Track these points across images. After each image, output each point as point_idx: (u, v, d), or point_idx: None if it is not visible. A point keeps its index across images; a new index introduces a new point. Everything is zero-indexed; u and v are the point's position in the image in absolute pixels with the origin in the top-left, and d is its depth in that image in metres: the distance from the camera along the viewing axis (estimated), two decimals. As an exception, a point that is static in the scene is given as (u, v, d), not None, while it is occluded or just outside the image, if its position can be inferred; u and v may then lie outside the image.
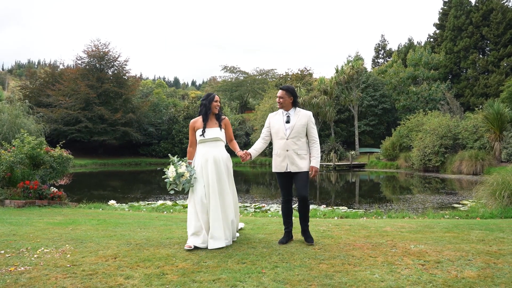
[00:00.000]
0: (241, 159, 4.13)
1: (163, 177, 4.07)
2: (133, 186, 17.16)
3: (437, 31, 38.75)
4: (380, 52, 46.50)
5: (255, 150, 4.20)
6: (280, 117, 4.12)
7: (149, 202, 10.55)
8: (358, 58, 35.37)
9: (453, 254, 3.64)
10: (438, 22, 38.47)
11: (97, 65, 36.18)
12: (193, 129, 4.18)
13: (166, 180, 4.01)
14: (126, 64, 37.55)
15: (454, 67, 35.18)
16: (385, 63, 41.40)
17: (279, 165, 4.06)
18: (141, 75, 58.04)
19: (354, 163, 28.21)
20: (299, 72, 38.52)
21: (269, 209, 9.29)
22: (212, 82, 61.62)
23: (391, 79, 35.48)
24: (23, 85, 36.88)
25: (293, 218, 4.32)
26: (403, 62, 37.14)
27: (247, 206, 9.94)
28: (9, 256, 3.59)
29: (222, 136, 4.15)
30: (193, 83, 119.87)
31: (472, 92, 33.36)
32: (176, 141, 37.10)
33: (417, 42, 42.22)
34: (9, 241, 4.20)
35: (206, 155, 4.03)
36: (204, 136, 4.08)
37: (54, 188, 8.58)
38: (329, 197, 13.48)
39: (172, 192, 4.05)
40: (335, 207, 9.52)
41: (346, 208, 9.51)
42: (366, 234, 4.60)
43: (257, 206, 9.90)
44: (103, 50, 35.99)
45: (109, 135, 34.50)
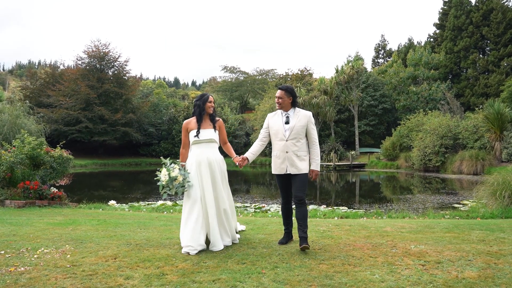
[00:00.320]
0: (239, 166, 4.06)
1: (155, 179, 3.98)
2: (133, 186, 17.15)
3: (437, 31, 38.74)
4: (380, 52, 46.49)
5: (252, 154, 4.13)
6: (279, 118, 4.03)
7: (149, 202, 10.55)
8: (358, 58, 35.35)
9: (454, 255, 3.64)
10: (438, 22, 38.46)
11: (98, 66, 36.19)
12: (186, 130, 4.08)
13: (159, 184, 3.91)
14: (126, 65, 37.58)
15: (454, 67, 35.17)
16: (385, 63, 41.39)
17: (279, 167, 3.97)
18: (141, 76, 58.22)
19: (354, 163, 28.21)
20: (299, 72, 38.51)
21: (269, 209, 9.29)
22: (212, 82, 61.59)
23: (391, 79, 35.47)
24: (24, 86, 36.90)
25: (293, 219, 4.29)
26: (403, 62, 37.13)
27: (247, 206, 9.94)
28: (9, 257, 3.59)
29: (216, 138, 4.07)
30: (193, 83, 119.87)
31: (473, 92, 33.35)
32: (176, 141, 37.11)
33: (417, 42, 42.24)
34: (9, 242, 4.20)
35: (200, 157, 3.95)
36: (199, 137, 3.99)
37: (54, 189, 8.58)
38: (329, 197, 13.47)
39: (165, 196, 3.95)
40: (335, 207, 9.51)
41: (346, 208, 9.51)
42: (366, 235, 4.59)
43: (257, 206, 9.90)
44: (104, 51, 36.01)
45: (109, 136, 34.52)
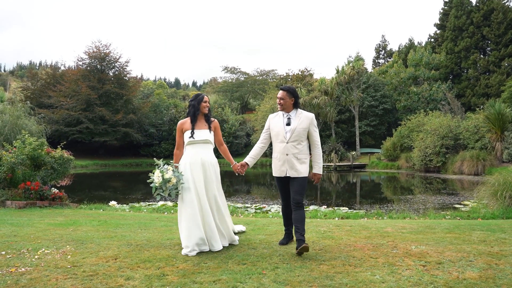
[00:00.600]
0: (240, 173, 4.02)
1: (148, 181, 3.90)
2: (134, 187, 17.16)
3: (438, 31, 38.71)
4: (381, 53, 46.48)
5: (252, 158, 4.07)
6: (280, 119, 3.94)
7: (150, 203, 10.55)
8: (359, 59, 35.33)
9: (455, 255, 3.63)
10: (439, 22, 38.43)
11: (98, 66, 36.22)
12: (181, 131, 4.01)
13: (152, 185, 3.84)
14: (127, 65, 37.59)
15: (455, 67, 35.14)
16: (386, 64, 41.35)
17: (279, 170, 3.90)
18: (142, 76, 58.36)
19: (355, 164, 28.19)
20: (300, 73, 38.51)
21: (270, 210, 9.28)
22: (213, 83, 61.57)
23: (392, 80, 35.44)
24: (25, 86, 36.92)
25: None
26: (404, 63, 37.10)
27: (248, 207, 9.93)
28: (10, 257, 3.59)
29: (212, 139, 4.02)
30: (194, 84, 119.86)
31: (473, 92, 33.32)
32: (177, 142, 37.11)
33: (418, 43, 42.19)
34: (10, 242, 4.21)
35: (195, 158, 3.89)
36: (194, 138, 3.92)
37: (55, 189, 8.59)
38: (330, 198, 13.46)
39: (158, 198, 3.89)
40: (336, 208, 9.50)
41: (347, 209, 9.50)
42: (367, 235, 4.59)
43: (258, 207, 9.89)
44: (104, 51, 36.04)
45: (110, 136, 34.53)
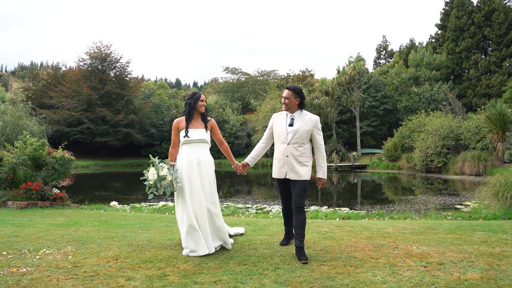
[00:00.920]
0: (241, 173, 3.98)
1: (141, 179, 3.82)
2: (135, 187, 17.17)
3: (439, 32, 38.68)
4: (382, 53, 46.47)
5: (253, 158, 4.02)
6: (284, 119, 3.83)
7: (151, 203, 10.55)
8: (360, 59, 35.31)
9: (456, 256, 3.62)
10: (440, 23, 38.39)
11: (99, 67, 36.28)
12: (177, 129, 3.96)
13: (146, 183, 3.76)
14: (128, 66, 37.71)
15: (456, 68, 35.11)
16: (387, 64, 41.34)
17: (278, 171, 3.81)
18: (143, 77, 58.46)
19: (356, 164, 28.17)
20: (301, 73, 38.50)
21: (271, 211, 9.28)
22: (214, 83, 61.61)
23: (393, 80, 35.42)
24: (26, 87, 36.98)
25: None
26: (405, 63, 37.07)
27: (249, 207, 9.93)
28: (11, 257, 3.59)
29: (208, 138, 3.95)
30: (195, 84, 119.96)
31: (474, 93, 33.28)
32: (178, 142, 37.16)
33: (419, 43, 42.18)
34: (11, 242, 4.21)
35: (190, 157, 3.83)
36: (189, 137, 3.86)
37: (56, 189, 8.60)
38: (331, 198, 13.45)
39: (152, 197, 3.82)
40: (337, 208, 9.48)
41: (348, 209, 9.48)
42: (368, 236, 4.58)
43: (259, 207, 9.89)
44: (105, 52, 36.10)
45: (111, 136, 34.58)
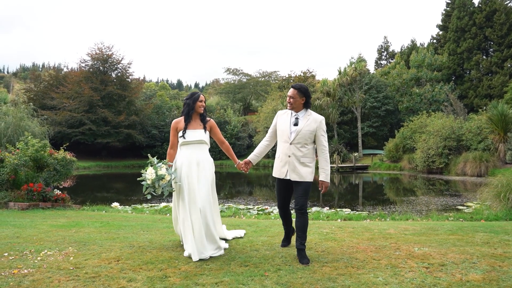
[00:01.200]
0: (244, 171, 3.89)
1: (139, 179, 3.75)
2: (136, 188, 17.17)
3: (440, 32, 38.64)
4: (383, 54, 46.43)
5: (256, 156, 3.92)
6: (288, 118, 3.73)
7: (152, 204, 10.55)
8: (361, 60, 35.30)
9: (458, 257, 3.62)
10: (441, 23, 38.35)
11: (101, 68, 36.35)
12: (176, 130, 3.92)
13: (143, 183, 3.70)
14: (130, 67, 37.72)
15: (458, 68, 35.05)
16: (388, 65, 41.32)
17: (279, 171, 3.72)
18: (145, 78, 58.45)
19: (357, 165, 28.13)
20: (302, 74, 38.48)
21: (272, 211, 9.27)
22: (215, 84, 61.68)
23: (394, 81, 35.39)
24: (28, 88, 37.06)
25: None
26: (406, 64, 37.05)
27: (250, 208, 9.93)
28: (13, 259, 3.59)
29: (207, 139, 3.90)
30: (196, 85, 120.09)
31: (476, 94, 33.21)
32: (179, 143, 37.19)
33: (420, 44, 42.12)
34: (13, 244, 4.21)
35: (190, 158, 3.78)
36: (185, 138, 3.81)
37: (58, 191, 8.61)
38: (332, 199, 13.44)
39: (149, 197, 3.77)
40: (338, 209, 9.48)
41: (350, 210, 9.48)
42: (370, 237, 4.58)
43: (260, 209, 9.88)
44: (107, 53, 36.16)
45: (113, 138, 34.63)
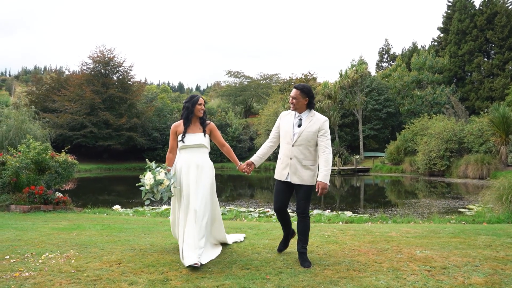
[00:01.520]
0: (246, 173, 3.75)
1: (137, 185, 3.70)
2: (138, 191, 17.06)
3: (441, 35, 38.67)
4: (384, 56, 46.44)
5: (259, 157, 3.78)
6: (291, 119, 3.63)
7: (154, 207, 10.55)
8: (362, 62, 35.31)
9: (460, 260, 3.60)
10: (442, 26, 38.39)
11: (102, 71, 36.45)
12: (175, 134, 3.86)
13: (142, 189, 3.65)
14: (131, 70, 37.91)
15: (459, 71, 35.04)
16: (389, 67, 41.30)
17: (280, 173, 3.63)
18: (146, 80, 58.47)
19: (359, 168, 28.09)
20: (303, 77, 38.56)
21: (274, 214, 9.26)
22: (216, 87, 61.79)
23: (395, 83, 35.38)
24: (29, 91, 37.18)
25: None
26: (407, 66, 37.05)
27: (251, 211, 9.92)
28: (14, 262, 3.59)
29: (206, 143, 3.83)
30: (198, 88, 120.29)
31: (477, 96, 33.18)
32: (181, 146, 37.23)
33: (421, 46, 42.13)
34: (14, 246, 4.21)
35: (188, 162, 3.72)
36: (184, 142, 3.75)
37: (59, 193, 8.61)
38: (334, 202, 13.42)
39: (148, 203, 3.73)
40: (340, 212, 9.47)
41: (351, 213, 9.46)
42: (371, 240, 4.56)
43: (262, 211, 9.88)
44: (108, 56, 36.28)
45: (114, 140, 34.68)
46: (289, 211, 4.42)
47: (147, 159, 3.85)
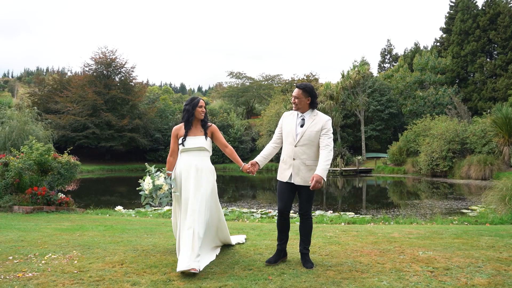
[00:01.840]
0: (250, 173, 3.65)
1: (137, 189, 3.66)
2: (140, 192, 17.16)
3: (444, 35, 38.62)
4: (386, 57, 46.41)
5: (263, 157, 3.68)
6: (294, 119, 3.58)
7: (156, 208, 10.56)
8: (364, 63, 35.30)
9: (463, 261, 3.59)
10: (445, 26, 38.34)
11: (105, 72, 36.56)
12: (176, 137, 3.78)
13: (141, 193, 3.62)
14: (133, 71, 37.92)
15: (461, 71, 34.96)
16: (391, 68, 41.27)
17: (282, 174, 3.56)
18: (148, 81, 58.67)
19: (361, 168, 28.05)
20: (305, 78, 38.55)
21: (276, 215, 9.25)
22: (218, 88, 61.89)
23: (398, 84, 35.34)
24: (32, 92, 37.33)
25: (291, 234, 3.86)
26: (410, 67, 37.02)
27: (254, 212, 9.92)
28: (17, 262, 3.61)
29: (207, 146, 3.74)
30: (199, 89, 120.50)
31: (480, 96, 33.10)
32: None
33: (424, 47, 42.14)
34: (17, 247, 4.23)
35: (188, 166, 3.64)
36: (184, 145, 3.68)
37: (62, 194, 8.64)
38: (336, 203, 13.40)
39: (148, 207, 3.70)
40: (342, 213, 9.46)
41: (353, 214, 9.45)
42: (374, 240, 4.56)
43: (264, 212, 9.88)
44: (110, 57, 36.39)
45: (116, 141, 34.76)
46: (291, 212, 4.41)
47: (146, 164, 3.82)
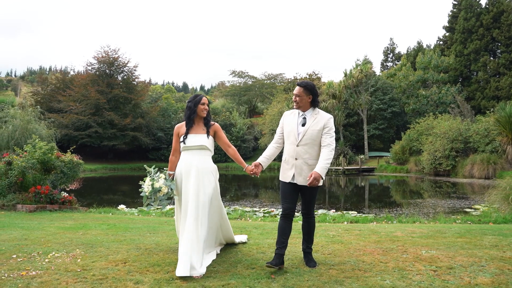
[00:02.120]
0: (254, 175, 3.55)
1: (140, 190, 3.65)
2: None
3: (447, 34, 38.42)
4: (389, 56, 46.25)
5: (266, 158, 3.58)
6: (295, 118, 3.51)
7: (158, 207, 10.57)
8: (367, 62, 35.18)
9: (466, 260, 3.58)
10: (448, 25, 38.15)
11: (107, 71, 36.65)
12: (177, 135, 3.73)
13: (142, 194, 3.60)
14: (136, 70, 38.01)
15: (465, 70, 34.80)
16: (394, 67, 41.12)
17: (285, 174, 3.48)
18: (150, 80, 58.60)
19: (364, 167, 28.01)
20: (308, 76, 38.49)
21: (278, 214, 9.26)
22: (221, 87, 61.81)
23: (400, 83, 35.22)
24: (35, 91, 37.44)
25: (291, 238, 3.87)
26: (412, 65, 36.87)
27: (256, 211, 9.93)
28: (21, 261, 3.62)
29: (209, 144, 3.65)
30: (202, 88, 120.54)
31: (483, 95, 32.94)
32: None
33: (427, 45, 41.93)
34: (21, 246, 4.25)
35: (188, 165, 3.57)
36: (185, 143, 3.61)
37: (65, 193, 8.67)
38: (339, 202, 13.38)
39: (149, 208, 3.68)
40: (345, 212, 9.45)
41: (356, 213, 9.44)
42: (377, 239, 4.55)
43: (266, 211, 9.88)
44: (113, 56, 36.45)
45: (119, 140, 34.85)
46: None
47: (145, 165, 3.79)
